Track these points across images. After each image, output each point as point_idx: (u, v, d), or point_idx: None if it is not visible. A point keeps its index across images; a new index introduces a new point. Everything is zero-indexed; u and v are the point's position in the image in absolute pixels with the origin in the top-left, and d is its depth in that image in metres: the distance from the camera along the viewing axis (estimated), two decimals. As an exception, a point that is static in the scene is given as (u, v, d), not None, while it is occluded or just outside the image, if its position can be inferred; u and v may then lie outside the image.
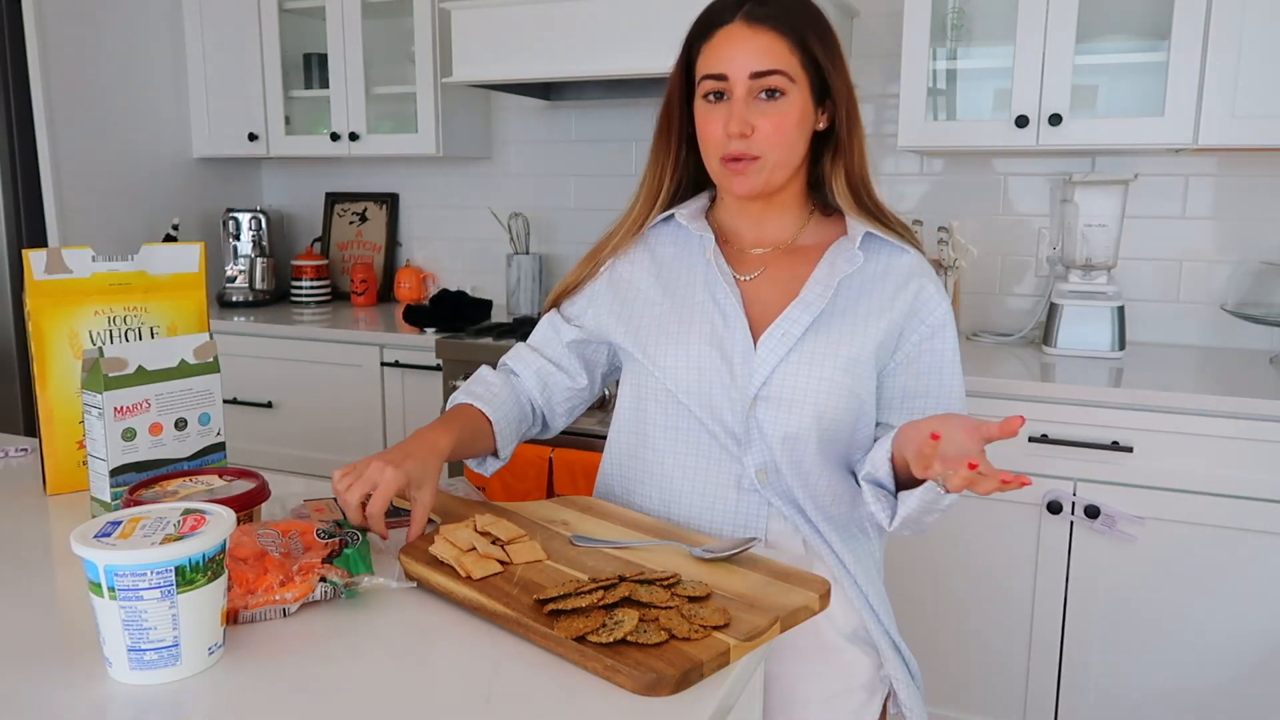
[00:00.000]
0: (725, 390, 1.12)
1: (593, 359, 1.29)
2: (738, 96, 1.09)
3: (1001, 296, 2.48)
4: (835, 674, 1.13)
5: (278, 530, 0.94)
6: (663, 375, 1.15)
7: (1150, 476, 1.86)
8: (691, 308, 1.17)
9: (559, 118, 2.88)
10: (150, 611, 0.75)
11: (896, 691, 1.15)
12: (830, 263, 1.14)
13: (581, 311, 1.27)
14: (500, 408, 1.22)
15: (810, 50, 1.10)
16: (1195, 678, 1.88)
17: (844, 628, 1.13)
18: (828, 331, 1.12)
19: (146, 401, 1.11)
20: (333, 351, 2.58)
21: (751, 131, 1.09)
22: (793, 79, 1.09)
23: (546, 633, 0.81)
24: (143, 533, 0.77)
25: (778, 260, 1.18)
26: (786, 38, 1.08)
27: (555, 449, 2.17)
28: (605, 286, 1.26)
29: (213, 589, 0.78)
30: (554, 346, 1.28)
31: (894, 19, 2.34)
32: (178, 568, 0.75)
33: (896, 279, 1.15)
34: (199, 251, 1.27)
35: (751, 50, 1.08)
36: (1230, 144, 1.97)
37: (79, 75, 2.65)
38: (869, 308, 1.13)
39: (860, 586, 1.14)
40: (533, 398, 1.28)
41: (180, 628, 0.76)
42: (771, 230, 1.20)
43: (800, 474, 1.12)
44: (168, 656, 0.76)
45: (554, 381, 1.28)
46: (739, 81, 1.09)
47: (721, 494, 1.14)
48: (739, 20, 1.10)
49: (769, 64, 1.08)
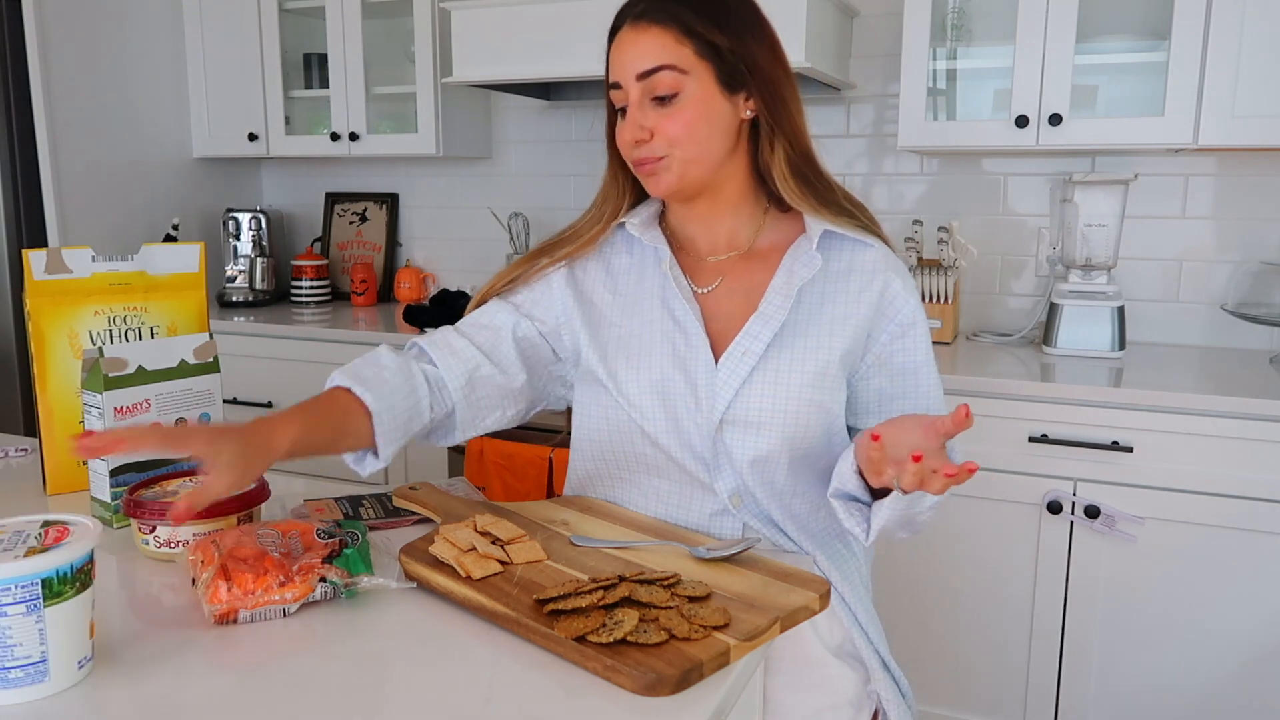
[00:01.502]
0: (691, 415, 1.07)
1: (537, 360, 1.17)
2: (632, 101, 1.05)
3: (1001, 296, 2.48)
4: (821, 689, 1.08)
5: (278, 530, 0.94)
6: (625, 402, 1.09)
7: (1150, 476, 1.85)
8: (650, 325, 1.11)
9: (559, 118, 2.88)
10: (15, 627, 0.72)
11: (886, 711, 1.11)
12: (788, 269, 1.08)
13: (538, 307, 1.17)
14: (386, 398, 1.03)
15: (704, 36, 1.02)
16: (1195, 677, 1.88)
17: (830, 642, 1.09)
18: (791, 345, 1.06)
19: (146, 401, 1.11)
20: (333, 351, 2.58)
21: (650, 136, 1.04)
22: (685, 70, 1.02)
23: (546, 633, 0.81)
24: (2, 546, 0.74)
25: (735, 268, 1.13)
26: (672, 28, 1.02)
27: (555, 449, 2.17)
28: (565, 289, 1.17)
29: (81, 601, 0.75)
30: (493, 335, 1.14)
31: (894, 19, 2.34)
32: (44, 580, 0.72)
33: (860, 277, 1.09)
34: (199, 251, 1.27)
35: (637, 51, 1.03)
36: (1230, 144, 1.97)
37: (79, 75, 2.65)
38: (833, 313, 1.08)
39: (847, 602, 1.10)
40: (446, 392, 1.11)
41: (48, 643, 0.73)
42: (724, 233, 1.14)
43: (774, 494, 1.09)
44: (35, 673, 0.73)
45: (483, 376, 1.12)
46: (630, 87, 1.04)
47: (695, 521, 1.10)
48: (627, 24, 1.05)
49: (652, 61, 1.02)
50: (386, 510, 1.14)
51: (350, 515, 1.12)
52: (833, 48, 2.31)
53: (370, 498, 1.19)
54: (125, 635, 0.85)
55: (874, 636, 1.12)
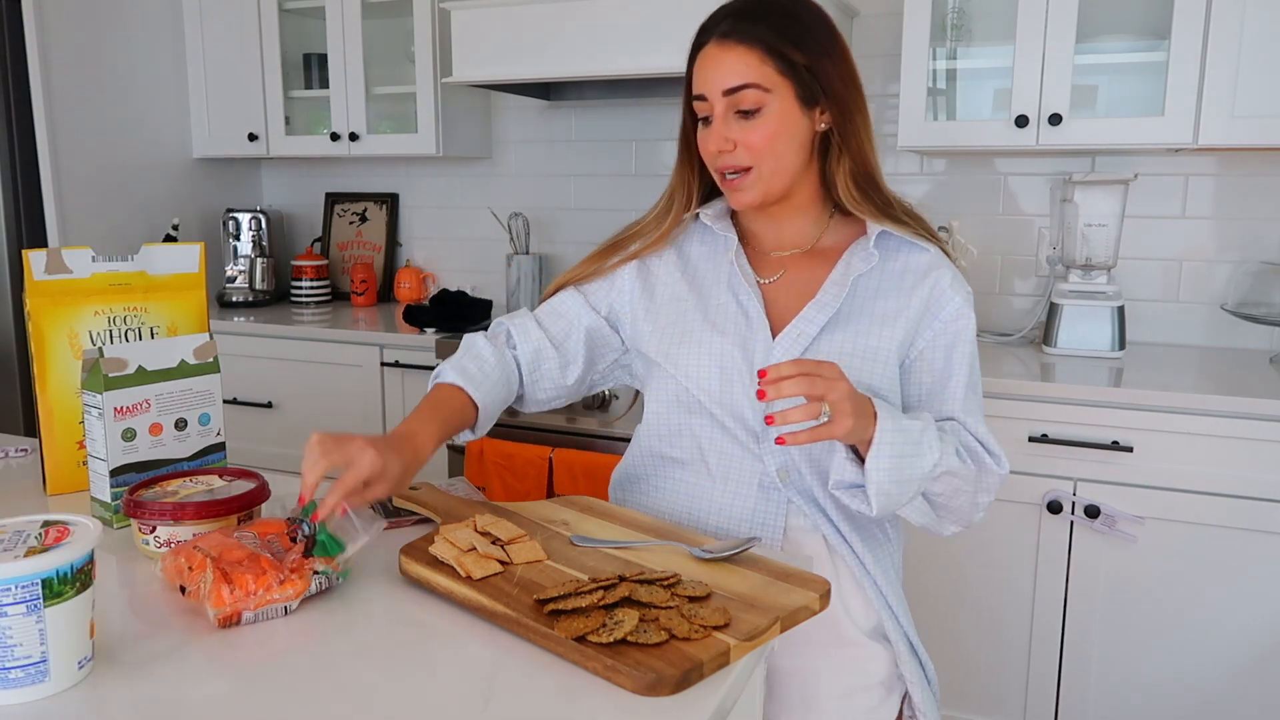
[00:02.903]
0: (745, 388, 1.13)
1: (599, 352, 1.27)
2: (717, 114, 1.12)
3: (1001, 296, 2.48)
4: (853, 668, 1.13)
5: (254, 533, 0.94)
6: (684, 377, 1.16)
7: (1150, 476, 1.86)
8: (716, 307, 1.19)
9: (559, 118, 2.88)
10: (15, 627, 0.72)
11: (910, 693, 1.16)
12: (846, 263, 1.16)
13: (607, 298, 1.26)
14: (490, 391, 1.17)
15: (787, 56, 1.10)
16: (1195, 677, 1.88)
17: (864, 625, 1.14)
18: (844, 330, 1.13)
19: (146, 402, 1.11)
20: (333, 351, 2.58)
21: (734, 147, 1.11)
22: (768, 89, 1.09)
23: (546, 633, 0.81)
24: (2, 546, 0.74)
25: (797, 263, 1.20)
26: (757, 49, 1.09)
27: (555, 449, 2.17)
28: (633, 279, 1.25)
29: (81, 601, 0.75)
30: (566, 325, 1.25)
31: (894, 19, 2.34)
32: (45, 580, 0.72)
33: (914, 276, 1.16)
34: (199, 251, 1.27)
35: (723, 69, 1.10)
36: (1230, 144, 1.97)
37: (79, 75, 2.65)
38: (886, 307, 1.14)
39: (880, 587, 1.14)
40: (522, 373, 1.24)
41: (48, 643, 0.73)
42: (790, 234, 1.21)
43: (819, 474, 1.13)
44: (35, 673, 0.73)
45: (546, 366, 1.24)
46: (716, 100, 1.11)
47: (742, 492, 1.15)
48: (713, 41, 1.12)
49: (738, 79, 1.09)
50: (386, 510, 1.14)
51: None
52: (833, 48, 2.31)
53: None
54: (125, 635, 0.84)
55: (903, 620, 1.16)
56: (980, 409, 1.16)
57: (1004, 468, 1.13)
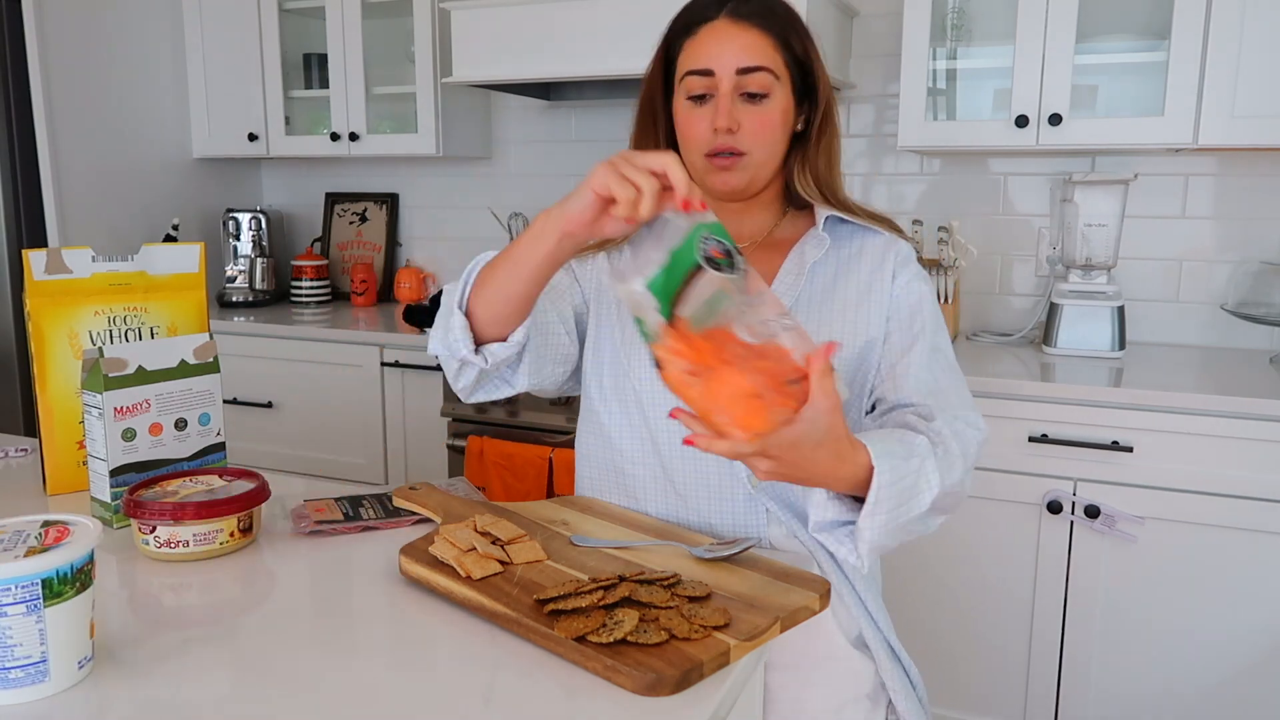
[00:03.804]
0: None
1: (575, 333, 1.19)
2: (723, 92, 1.08)
3: (1001, 296, 2.48)
4: (840, 683, 1.10)
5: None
6: (638, 384, 1.12)
7: (1150, 476, 1.86)
8: None
9: (559, 118, 2.88)
10: (15, 627, 0.72)
11: (894, 700, 1.12)
12: (799, 252, 1.14)
13: (590, 281, 1.20)
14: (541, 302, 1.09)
15: (793, 49, 1.10)
16: (1195, 677, 1.88)
17: (849, 633, 1.11)
18: (805, 321, 1.10)
19: (146, 402, 1.11)
20: (333, 351, 2.58)
21: (738, 128, 1.08)
22: (777, 76, 1.09)
23: (546, 633, 0.81)
24: (2, 546, 0.74)
25: (752, 255, 1.17)
26: (771, 35, 1.08)
27: (555, 449, 2.17)
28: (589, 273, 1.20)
29: (81, 601, 0.75)
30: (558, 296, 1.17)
31: (894, 19, 2.34)
32: (45, 580, 0.72)
33: (872, 257, 1.15)
34: (199, 251, 1.27)
35: (738, 46, 1.08)
36: (1230, 144, 1.97)
37: (79, 75, 2.66)
38: (846, 294, 1.12)
39: (859, 593, 1.12)
40: None
41: (48, 643, 0.73)
42: (750, 227, 1.20)
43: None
44: (35, 673, 0.73)
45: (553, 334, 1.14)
46: (725, 77, 1.08)
47: (716, 502, 1.12)
48: (724, 16, 1.09)
49: (755, 60, 1.07)
50: (386, 510, 1.14)
51: (350, 515, 1.12)
52: (833, 47, 2.31)
53: (370, 498, 1.19)
54: (125, 635, 0.84)
55: (883, 625, 1.14)
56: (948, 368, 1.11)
57: (984, 430, 1.06)
